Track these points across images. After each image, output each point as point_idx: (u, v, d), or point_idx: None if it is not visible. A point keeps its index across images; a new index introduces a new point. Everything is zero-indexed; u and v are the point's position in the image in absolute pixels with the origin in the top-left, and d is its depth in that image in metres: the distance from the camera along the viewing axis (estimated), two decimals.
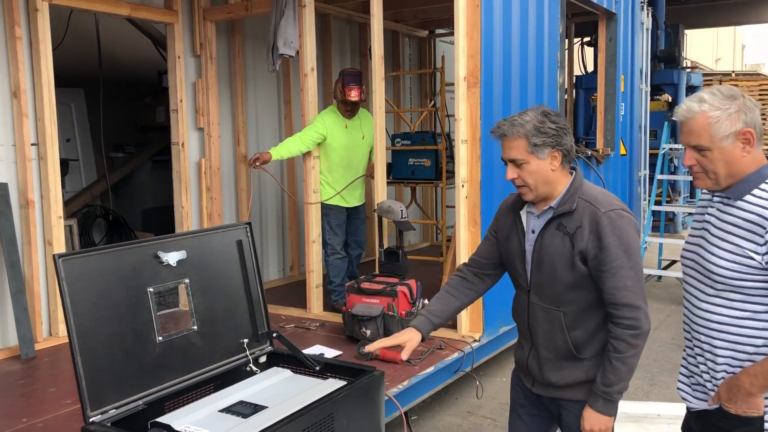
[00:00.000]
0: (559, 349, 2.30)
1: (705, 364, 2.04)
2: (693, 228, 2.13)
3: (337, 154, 5.43)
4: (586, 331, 2.27)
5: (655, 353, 5.73)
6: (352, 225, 5.71)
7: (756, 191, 1.92)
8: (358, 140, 5.54)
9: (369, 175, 5.64)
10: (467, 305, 2.63)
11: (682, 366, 2.19)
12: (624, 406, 4.51)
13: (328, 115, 5.41)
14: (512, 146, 2.23)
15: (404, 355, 2.40)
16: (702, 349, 2.04)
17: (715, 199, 2.03)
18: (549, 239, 2.26)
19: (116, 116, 8.12)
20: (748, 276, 1.90)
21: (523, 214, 2.36)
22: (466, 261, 2.63)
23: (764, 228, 1.86)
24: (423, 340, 2.45)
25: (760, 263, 1.87)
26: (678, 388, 2.19)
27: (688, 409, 2.18)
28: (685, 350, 2.17)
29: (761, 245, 1.86)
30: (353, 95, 5.32)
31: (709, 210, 2.05)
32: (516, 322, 2.49)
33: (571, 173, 2.30)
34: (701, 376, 2.07)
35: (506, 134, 2.24)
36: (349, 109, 5.47)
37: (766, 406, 1.92)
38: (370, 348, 2.46)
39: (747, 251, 1.89)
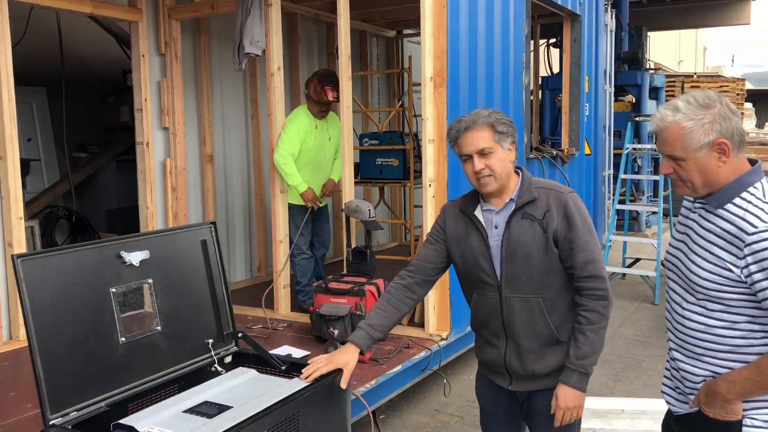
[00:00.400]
0: (542, 336, 2.35)
1: (686, 368, 2.04)
2: (677, 231, 2.12)
3: (308, 155, 5.42)
4: (561, 314, 2.36)
5: (619, 350, 5.82)
6: (316, 225, 5.69)
7: (737, 200, 1.88)
8: (326, 141, 5.55)
9: (329, 193, 5.66)
10: (405, 315, 2.63)
11: (666, 368, 2.19)
12: (588, 401, 4.57)
13: (300, 118, 5.39)
14: (477, 138, 2.28)
15: (343, 385, 2.37)
16: (683, 354, 2.04)
17: (697, 205, 2.01)
18: (517, 229, 2.31)
19: (79, 115, 7.98)
20: (727, 288, 1.87)
21: (478, 213, 2.39)
22: (408, 270, 2.56)
23: (743, 242, 1.82)
24: (361, 353, 2.44)
25: (739, 276, 1.84)
26: (662, 392, 2.19)
27: (670, 411, 2.19)
28: (669, 353, 2.16)
29: (740, 258, 1.83)
30: (331, 96, 5.32)
31: (691, 215, 2.03)
32: (481, 325, 2.47)
33: (517, 172, 2.40)
34: (683, 382, 2.07)
35: (470, 126, 2.29)
36: (323, 110, 5.48)
37: (744, 410, 1.92)
38: (304, 375, 2.37)
39: (726, 263, 1.86)
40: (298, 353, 4.36)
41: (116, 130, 8.35)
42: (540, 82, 11.04)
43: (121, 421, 2.20)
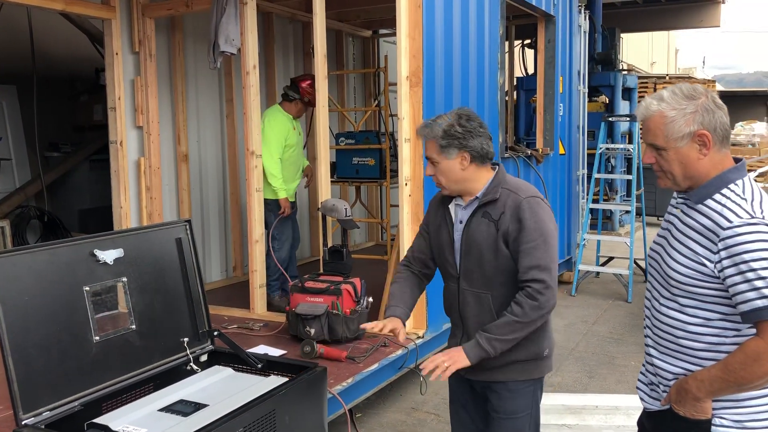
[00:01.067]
0: None
1: (660, 364, 2.04)
2: (661, 227, 2.13)
3: (288, 153, 5.57)
4: None
5: (593, 347, 5.89)
6: (294, 223, 5.78)
7: (717, 196, 1.88)
8: (300, 139, 5.68)
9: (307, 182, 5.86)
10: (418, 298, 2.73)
11: (643, 366, 2.20)
12: (563, 398, 4.64)
13: (278, 118, 5.52)
14: (428, 146, 2.46)
15: (401, 338, 2.52)
16: (658, 351, 2.05)
17: (679, 200, 2.02)
18: (475, 226, 2.43)
19: (51, 114, 7.86)
20: (701, 283, 1.88)
21: (451, 207, 2.53)
22: (404, 262, 2.72)
23: (718, 236, 1.83)
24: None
25: (713, 271, 1.85)
26: (637, 387, 2.20)
27: (644, 409, 2.20)
28: (646, 349, 2.16)
29: (714, 253, 1.84)
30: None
31: (674, 211, 2.04)
32: (447, 313, 2.61)
33: (494, 169, 2.48)
34: (655, 376, 2.08)
35: (423, 136, 2.47)
36: (304, 111, 5.66)
37: (714, 409, 1.93)
38: (367, 326, 2.52)
39: (701, 257, 1.87)
40: (274, 353, 4.35)
41: (89, 129, 8.23)
42: (515, 83, 11.13)
43: (96, 420, 2.19)
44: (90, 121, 8.16)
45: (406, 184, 4.73)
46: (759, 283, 1.76)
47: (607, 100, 11.52)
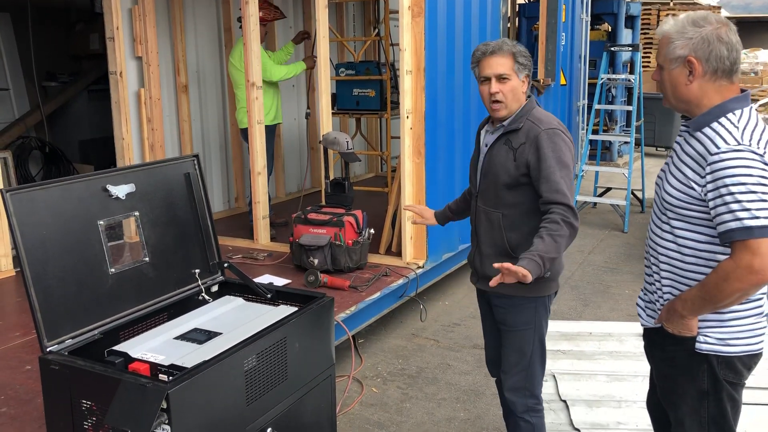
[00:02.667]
0: (497, 246, 2.62)
1: (654, 285, 2.18)
2: (668, 156, 2.25)
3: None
4: (521, 234, 2.57)
5: (588, 276, 6.04)
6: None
7: (714, 124, 1.96)
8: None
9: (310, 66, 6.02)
10: None
11: (643, 286, 2.33)
12: (558, 325, 4.79)
13: (238, 48, 5.70)
14: (500, 62, 2.51)
15: (426, 220, 2.96)
16: (652, 270, 2.18)
17: (682, 128, 2.12)
18: (496, 151, 2.58)
19: (47, 43, 7.76)
20: (690, 205, 1.99)
21: (483, 131, 2.71)
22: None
23: (706, 161, 1.93)
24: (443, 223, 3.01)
25: (700, 194, 1.95)
26: (636, 304, 2.35)
27: (642, 326, 2.34)
28: (645, 271, 2.30)
29: (702, 177, 1.94)
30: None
31: (678, 140, 2.13)
32: (471, 228, 2.81)
33: (527, 99, 2.60)
34: (652, 295, 2.21)
35: (495, 51, 2.52)
36: (265, 33, 5.84)
37: (699, 328, 2.06)
38: (407, 207, 3.07)
39: (690, 181, 1.97)
40: (279, 282, 4.48)
41: (85, 59, 8.15)
42: (517, 9, 10.93)
43: (115, 348, 2.30)
44: (87, 50, 8.06)
45: (407, 117, 4.75)
46: (734, 206, 1.86)
47: (610, 28, 11.34)
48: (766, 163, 1.88)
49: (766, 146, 1.90)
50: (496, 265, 2.29)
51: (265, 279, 4.50)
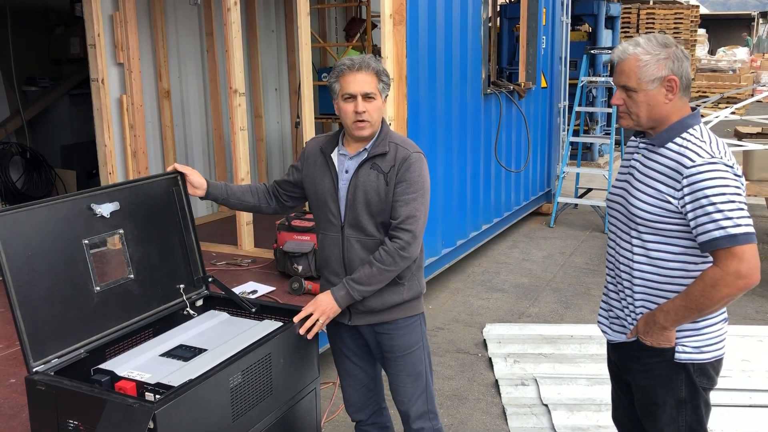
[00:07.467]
0: None
1: (626, 300, 2.23)
2: (620, 173, 2.31)
3: None
4: None
5: (569, 278, 6.12)
6: None
7: (678, 139, 2.07)
8: None
9: None
10: (254, 210, 2.82)
11: (603, 301, 2.39)
12: (540, 328, 4.86)
13: None
14: (366, 80, 2.44)
15: (196, 189, 2.73)
16: (623, 286, 2.23)
17: (641, 145, 2.19)
18: (364, 177, 2.48)
19: (26, 47, 7.71)
20: (665, 219, 2.06)
21: (334, 156, 2.56)
22: (276, 180, 2.82)
23: (681, 174, 2.01)
24: (206, 198, 2.76)
25: (676, 207, 2.03)
26: (598, 321, 2.39)
27: (607, 341, 2.40)
28: (606, 286, 2.36)
29: (678, 190, 2.02)
30: None
31: (635, 156, 2.21)
32: (323, 264, 2.64)
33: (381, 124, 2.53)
34: (622, 311, 2.26)
35: (361, 67, 2.44)
36: None
37: (676, 339, 2.13)
38: (175, 166, 2.71)
39: (665, 195, 2.04)
40: (263, 289, 4.50)
41: (66, 63, 8.10)
42: (498, 10, 10.99)
43: (101, 366, 2.32)
44: (66, 55, 8.01)
45: (390, 124, 4.79)
46: (717, 216, 1.95)
47: (590, 29, 11.45)
48: (737, 175, 1.99)
49: (731, 158, 2.02)
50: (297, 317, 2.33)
51: (249, 286, 4.53)
